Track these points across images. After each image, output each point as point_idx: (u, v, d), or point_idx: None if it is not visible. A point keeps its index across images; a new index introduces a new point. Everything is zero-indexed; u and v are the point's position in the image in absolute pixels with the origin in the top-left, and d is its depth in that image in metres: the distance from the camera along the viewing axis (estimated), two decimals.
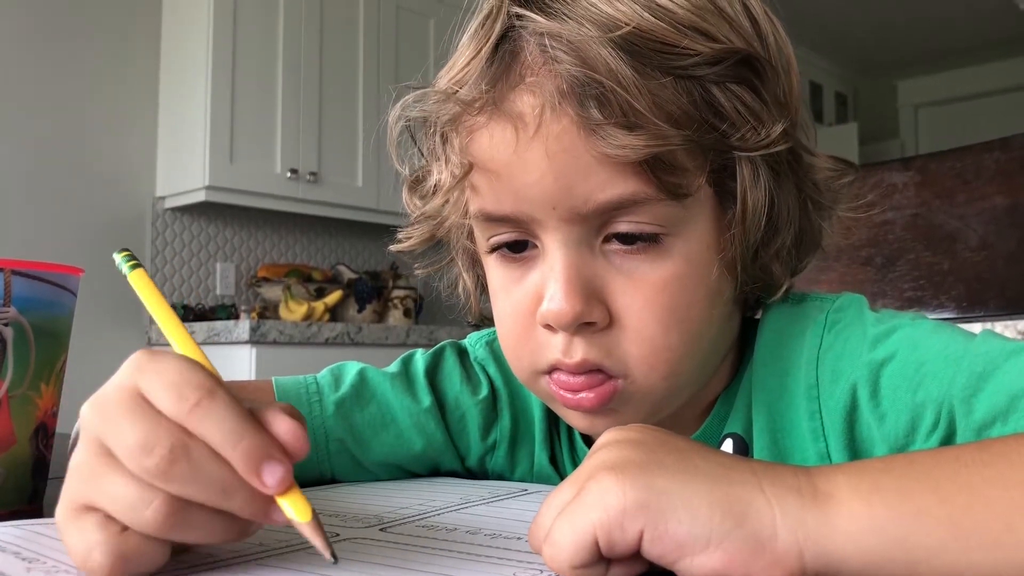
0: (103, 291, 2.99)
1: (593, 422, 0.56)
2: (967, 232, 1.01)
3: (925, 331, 0.54)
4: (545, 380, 0.56)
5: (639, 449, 0.38)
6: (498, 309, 0.59)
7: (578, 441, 0.66)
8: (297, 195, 3.26)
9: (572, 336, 0.53)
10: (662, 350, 0.53)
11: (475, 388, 0.68)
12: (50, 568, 0.37)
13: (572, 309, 0.52)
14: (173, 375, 0.36)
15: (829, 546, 0.34)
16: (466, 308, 0.67)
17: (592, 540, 0.35)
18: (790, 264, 0.59)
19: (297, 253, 3.63)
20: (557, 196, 0.51)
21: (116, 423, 0.36)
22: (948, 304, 1.01)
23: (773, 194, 0.54)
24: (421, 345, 3.22)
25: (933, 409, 0.52)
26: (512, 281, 0.56)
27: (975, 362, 0.50)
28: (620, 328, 0.53)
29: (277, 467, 0.35)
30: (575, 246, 0.53)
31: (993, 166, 1.00)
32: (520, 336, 0.56)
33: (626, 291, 0.53)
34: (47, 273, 0.57)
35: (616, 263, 0.53)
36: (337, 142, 3.37)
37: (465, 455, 0.69)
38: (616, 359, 0.53)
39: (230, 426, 0.35)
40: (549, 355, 0.54)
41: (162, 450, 0.34)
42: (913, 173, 1.05)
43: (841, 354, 0.56)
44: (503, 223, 0.55)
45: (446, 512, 0.52)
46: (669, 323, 0.53)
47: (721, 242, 0.54)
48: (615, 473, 0.36)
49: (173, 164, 3.14)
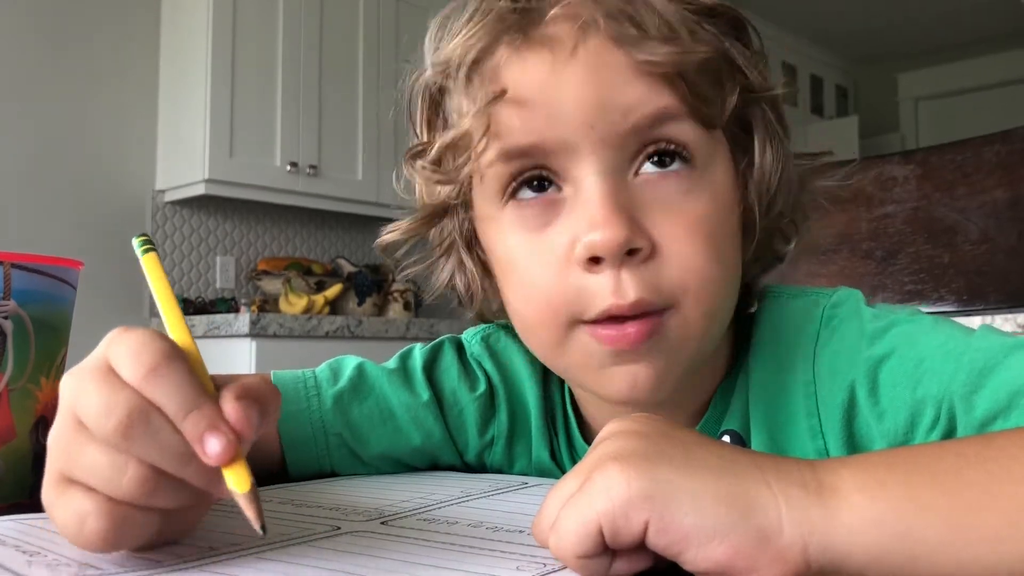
0: (104, 284, 2.99)
1: (634, 376, 0.53)
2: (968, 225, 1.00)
3: (923, 327, 0.54)
4: (582, 334, 0.53)
5: (644, 440, 0.38)
6: (520, 267, 0.55)
7: (576, 438, 0.66)
8: (297, 188, 3.25)
9: (619, 271, 0.50)
10: (707, 281, 0.52)
11: (472, 384, 0.67)
12: (51, 562, 0.37)
13: (621, 230, 0.49)
14: (135, 343, 0.37)
15: (833, 540, 0.34)
16: (468, 300, 0.63)
17: (597, 530, 0.35)
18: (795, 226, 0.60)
19: (297, 246, 3.62)
20: (596, 110, 0.51)
21: (84, 392, 0.37)
22: (948, 297, 1.01)
23: (782, 142, 0.57)
24: (421, 338, 3.23)
25: (933, 406, 0.51)
26: (536, 229, 0.54)
27: (975, 358, 0.50)
28: (664, 257, 0.51)
29: (220, 438, 0.36)
30: (611, 174, 0.52)
31: (994, 159, 1.00)
32: (555, 287, 0.52)
33: (665, 218, 0.52)
34: (46, 266, 0.57)
35: (651, 194, 0.52)
36: (337, 135, 3.37)
37: (464, 450, 0.69)
38: (665, 291, 0.51)
39: (183, 396, 0.36)
40: (598, 301, 0.51)
41: (120, 413, 0.35)
42: (914, 166, 1.05)
43: (838, 351, 0.56)
44: (527, 159, 0.53)
45: (447, 505, 0.52)
46: (710, 254, 0.52)
47: (738, 191, 0.56)
48: (620, 464, 0.36)
49: (173, 157, 3.14)
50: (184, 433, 0.36)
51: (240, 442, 0.36)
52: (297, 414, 0.65)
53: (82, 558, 0.38)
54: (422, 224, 0.61)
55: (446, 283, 0.64)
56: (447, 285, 0.64)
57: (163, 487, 0.36)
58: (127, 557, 0.39)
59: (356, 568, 0.37)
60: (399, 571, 0.36)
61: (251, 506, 0.36)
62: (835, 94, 6.18)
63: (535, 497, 0.55)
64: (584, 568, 0.36)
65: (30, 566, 0.37)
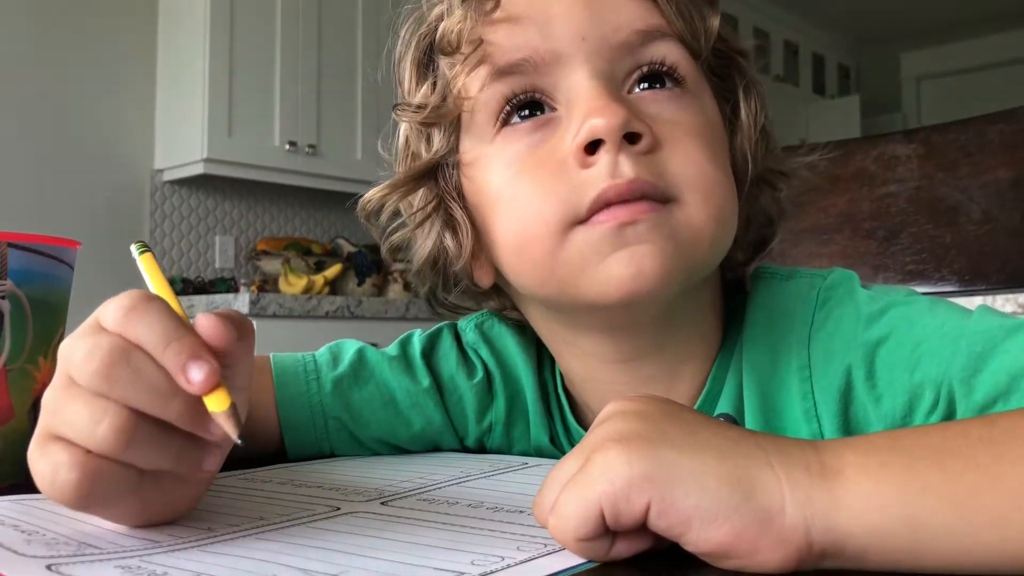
0: (102, 265, 2.99)
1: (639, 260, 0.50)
2: (970, 205, 1.00)
3: (920, 309, 0.54)
4: (580, 232, 0.51)
5: (645, 421, 0.37)
6: (513, 186, 0.54)
7: (571, 422, 0.65)
8: (296, 168, 3.24)
9: (617, 156, 0.50)
10: (714, 184, 0.52)
11: (470, 371, 0.67)
12: (49, 540, 0.37)
13: (621, 112, 0.50)
14: (119, 297, 0.39)
15: (836, 523, 0.33)
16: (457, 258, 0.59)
17: (598, 512, 0.35)
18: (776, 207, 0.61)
19: (296, 226, 3.62)
20: (588, 23, 0.53)
21: (72, 345, 0.38)
22: (950, 278, 1.01)
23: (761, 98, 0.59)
24: (421, 318, 3.22)
25: (932, 390, 0.51)
26: (529, 148, 0.53)
27: (974, 341, 0.50)
28: (667, 150, 0.52)
29: (203, 365, 0.36)
30: (606, 78, 0.53)
31: (997, 138, 0.99)
32: (547, 192, 0.51)
33: (664, 123, 0.53)
34: (43, 246, 0.56)
35: (646, 107, 0.53)
36: (336, 114, 3.35)
37: (464, 435, 0.69)
38: (668, 181, 0.51)
39: (161, 329, 0.37)
40: (592, 188, 0.50)
41: (101, 354, 0.36)
42: (916, 145, 1.05)
43: (834, 333, 0.55)
44: (518, 77, 0.53)
45: (447, 486, 0.52)
46: (714, 158, 0.53)
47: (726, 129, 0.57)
48: (621, 445, 0.35)
49: (171, 137, 3.13)
50: (166, 364, 0.36)
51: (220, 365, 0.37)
52: (297, 397, 0.65)
53: (81, 537, 0.38)
54: (408, 182, 0.59)
55: (429, 251, 0.60)
56: (430, 253, 0.60)
57: (139, 439, 0.36)
58: (125, 536, 0.38)
59: (356, 548, 0.37)
60: (399, 551, 0.36)
61: (229, 421, 0.37)
62: (837, 73, 6.15)
63: (535, 477, 0.55)
64: (584, 550, 0.36)
65: (28, 544, 0.36)
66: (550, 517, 0.37)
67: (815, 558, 0.34)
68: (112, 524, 0.40)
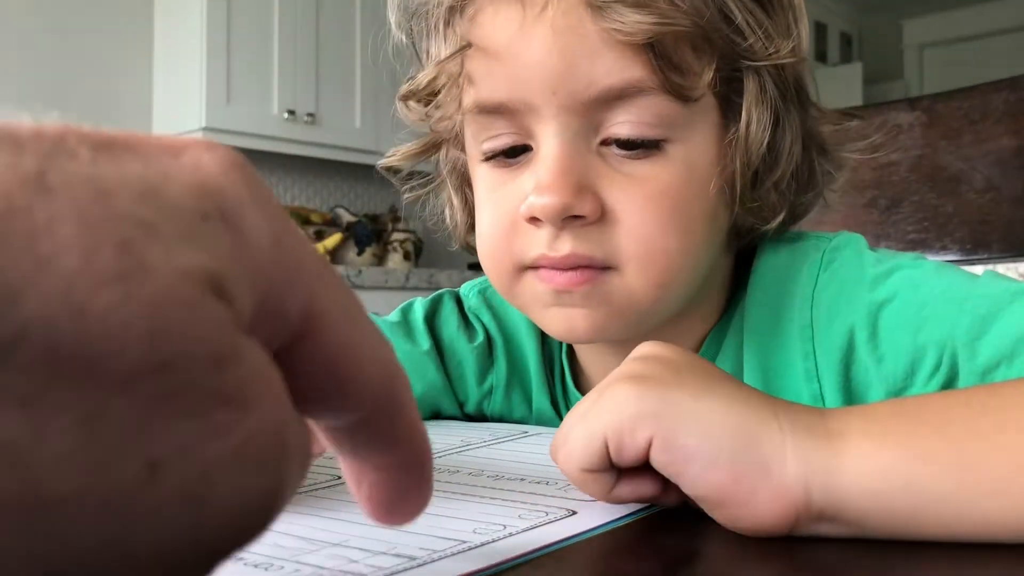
0: None
1: (571, 320, 0.53)
2: (972, 174, 0.99)
3: (927, 272, 0.53)
4: (529, 276, 0.54)
5: (665, 366, 0.38)
6: (482, 215, 0.57)
7: (570, 389, 0.66)
8: (295, 136, 3.23)
9: (559, 231, 0.51)
10: (659, 253, 0.52)
11: (471, 335, 0.68)
12: None
13: (560, 198, 0.50)
14: None
15: (835, 484, 0.33)
16: (454, 233, 0.66)
17: (602, 444, 0.35)
18: (787, 200, 0.57)
19: (295, 195, 3.60)
20: (559, 78, 0.50)
21: None
22: (952, 247, 1.00)
23: (779, 114, 0.54)
24: (421, 288, 3.22)
25: (935, 352, 0.51)
26: (500, 184, 0.55)
27: (979, 304, 0.50)
28: (614, 223, 0.51)
29: None
30: (571, 138, 0.51)
31: (1001, 106, 0.99)
32: (502, 236, 0.54)
33: (623, 188, 0.51)
34: None
35: (614, 164, 0.52)
36: (335, 82, 3.33)
37: (464, 400, 0.69)
38: (608, 252, 0.51)
39: None
40: (533, 251, 0.53)
41: None
42: (919, 113, 1.04)
43: (838, 294, 0.55)
44: (498, 116, 0.53)
45: (448, 455, 0.51)
46: (668, 226, 0.51)
47: (722, 160, 0.53)
48: (633, 383, 0.36)
49: (169, 106, 3.11)
50: None
51: None
52: None
53: None
54: (419, 152, 0.63)
55: (442, 211, 0.66)
56: (442, 213, 0.66)
57: None
58: None
59: (358, 517, 0.36)
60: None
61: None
62: (839, 41, 6.10)
63: (535, 446, 0.55)
64: (587, 483, 0.37)
65: None
66: (560, 448, 0.38)
67: (812, 518, 0.33)
68: None
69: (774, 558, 0.33)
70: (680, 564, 0.33)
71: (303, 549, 0.31)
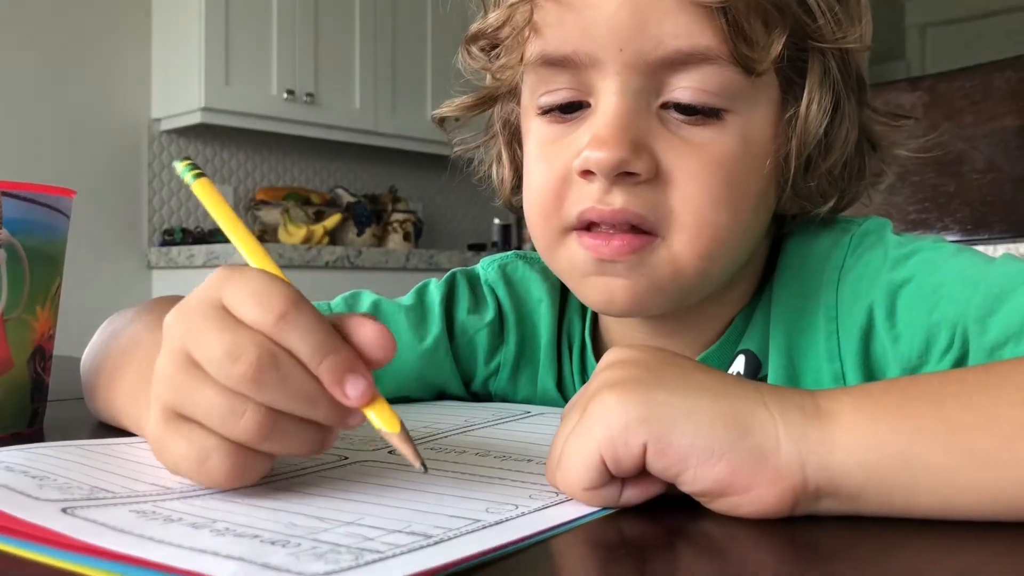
0: (101, 214, 2.97)
1: (611, 291, 0.53)
2: (974, 154, 0.99)
3: (945, 254, 0.54)
4: (573, 241, 0.54)
5: (641, 367, 0.37)
6: (533, 170, 0.56)
7: (590, 360, 0.66)
8: (294, 117, 3.21)
9: (611, 185, 0.51)
10: (709, 224, 0.52)
11: (482, 312, 0.68)
12: (62, 484, 0.37)
13: (617, 152, 0.50)
14: (256, 286, 0.36)
15: (831, 460, 0.33)
16: (499, 191, 0.66)
17: (599, 460, 0.35)
18: (837, 189, 0.57)
19: (295, 176, 3.59)
20: (628, 34, 0.50)
21: (202, 334, 0.36)
22: (953, 227, 1.00)
23: (839, 99, 0.54)
24: (421, 269, 3.21)
25: (948, 330, 0.52)
26: (554, 139, 0.55)
27: (992, 284, 0.50)
28: (667, 185, 0.51)
29: (360, 380, 0.36)
30: (631, 96, 0.51)
31: (1004, 86, 0.98)
32: (552, 191, 0.54)
33: (679, 152, 0.51)
34: (38, 195, 0.55)
35: (671, 128, 0.52)
36: (334, 62, 3.31)
37: (470, 380, 0.70)
38: (659, 215, 0.51)
39: (316, 339, 0.35)
40: (582, 204, 0.52)
41: (249, 358, 0.34)
42: (921, 93, 1.04)
43: (862, 276, 0.56)
44: (560, 69, 0.53)
45: (453, 435, 0.51)
46: (720, 197, 0.51)
47: (778, 138, 0.54)
48: (616, 390, 0.35)
49: (168, 86, 3.09)
50: (321, 378, 0.35)
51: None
52: None
53: (92, 482, 0.38)
54: (473, 106, 0.62)
55: (488, 167, 0.67)
56: (488, 170, 0.67)
57: (278, 431, 0.35)
58: (136, 482, 0.38)
59: (369, 496, 0.37)
60: (412, 499, 0.36)
61: (406, 445, 0.37)
62: None
63: (538, 426, 0.55)
64: (594, 499, 0.36)
65: (41, 489, 0.36)
66: (557, 472, 0.37)
67: (810, 498, 0.34)
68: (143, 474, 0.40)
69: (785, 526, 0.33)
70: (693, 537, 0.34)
71: (318, 527, 0.32)
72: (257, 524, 0.32)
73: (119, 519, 0.32)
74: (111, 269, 3.01)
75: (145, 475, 0.40)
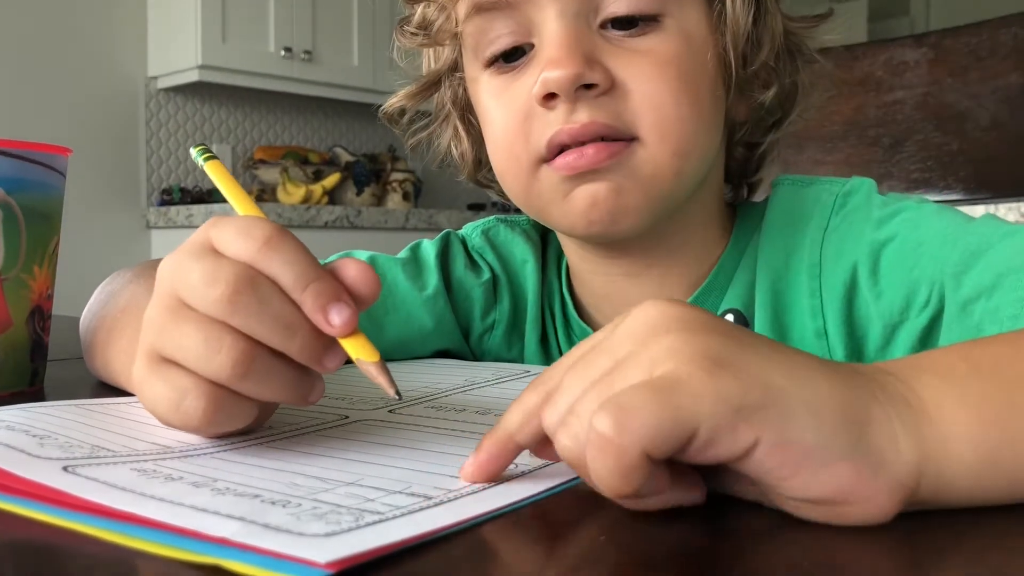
0: (98, 173, 2.96)
1: (595, 195, 0.54)
2: (979, 111, 0.99)
3: (927, 213, 0.56)
4: (546, 171, 0.55)
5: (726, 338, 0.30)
6: (492, 121, 0.58)
7: (573, 319, 0.67)
8: (292, 75, 3.19)
9: (574, 103, 0.53)
10: (674, 120, 0.53)
11: (477, 272, 0.69)
12: (62, 443, 0.37)
13: (573, 67, 0.52)
14: (241, 222, 0.37)
15: (944, 467, 0.29)
16: (461, 167, 0.68)
17: (688, 434, 0.27)
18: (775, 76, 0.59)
19: (293, 135, 3.57)
20: None
21: (184, 267, 0.36)
22: (955, 186, 1.00)
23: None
24: (420, 228, 3.21)
25: (927, 286, 0.53)
26: (505, 89, 0.57)
27: (970, 241, 0.51)
28: (626, 94, 0.53)
29: (344, 308, 0.35)
30: (572, 17, 0.54)
31: (1010, 42, 0.97)
32: (515, 129, 0.55)
33: (630, 61, 0.54)
34: (33, 153, 0.55)
35: (616, 42, 0.54)
36: (332, 19, 3.28)
37: (468, 334, 0.71)
38: (625, 121, 0.53)
39: (299, 268, 0.35)
40: (550, 129, 0.54)
41: (227, 280, 0.34)
42: (926, 50, 1.02)
43: (846, 235, 0.58)
44: (496, 14, 0.55)
45: (453, 394, 0.51)
46: (679, 93, 0.54)
47: (714, 35, 0.56)
48: (725, 368, 0.28)
49: (164, 43, 3.06)
50: (303, 304, 0.35)
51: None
52: None
53: (93, 440, 0.38)
54: (418, 93, 0.65)
55: (446, 150, 0.68)
56: (447, 152, 0.68)
57: (256, 370, 0.35)
58: (136, 441, 0.38)
59: (369, 456, 0.37)
60: (413, 458, 0.36)
61: (383, 374, 0.37)
62: None
63: None
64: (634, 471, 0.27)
65: (42, 447, 0.36)
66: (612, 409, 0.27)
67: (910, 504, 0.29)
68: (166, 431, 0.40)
69: None
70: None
71: (318, 488, 0.32)
72: (258, 483, 0.32)
73: (120, 477, 0.32)
74: (110, 229, 3.00)
75: (146, 434, 0.40)
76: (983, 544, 0.28)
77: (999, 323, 0.47)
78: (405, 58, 0.65)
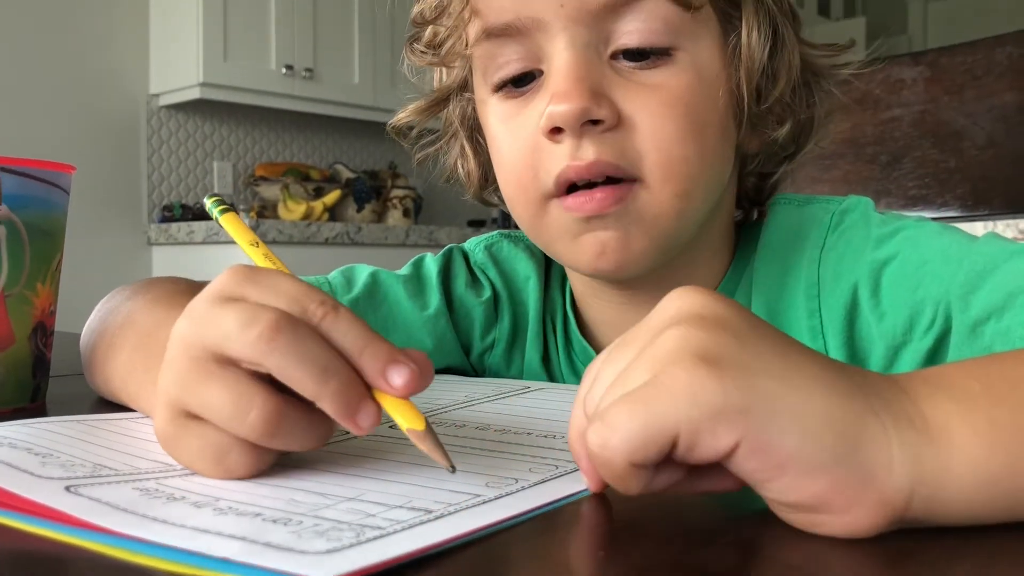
0: (100, 190, 2.97)
1: (603, 244, 0.54)
2: (975, 130, 0.99)
3: (929, 232, 0.55)
4: (555, 208, 0.55)
5: (730, 333, 0.30)
6: (500, 147, 0.57)
7: (575, 337, 0.67)
8: (293, 92, 3.20)
9: (580, 139, 0.52)
10: (679, 160, 0.53)
11: (479, 290, 0.69)
12: (64, 462, 0.37)
13: (579, 102, 0.51)
14: (291, 290, 0.35)
15: (939, 493, 0.29)
16: (467, 186, 0.68)
17: (670, 439, 0.28)
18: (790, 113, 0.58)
19: (294, 152, 3.58)
20: None
21: (214, 315, 0.34)
22: (953, 203, 1.00)
23: (776, 26, 0.56)
24: (420, 245, 3.21)
25: (931, 306, 0.52)
26: (514, 114, 0.56)
27: (975, 261, 0.51)
28: (632, 130, 0.52)
29: (404, 369, 0.34)
30: (581, 48, 0.53)
31: (1005, 61, 0.98)
32: (524, 160, 0.55)
33: (638, 96, 0.53)
34: (37, 170, 0.55)
35: (626, 75, 0.53)
36: (333, 37, 3.30)
37: (469, 352, 0.70)
38: (631, 160, 0.53)
39: (360, 330, 0.34)
40: (556, 165, 0.53)
41: (267, 321, 0.33)
42: (923, 68, 1.03)
43: (844, 254, 0.57)
44: (507, 40, 0.54)
45: (453, 410, 0.52)
46: (685, 132, 0.53)
47: (727, 69, 0.55)
48: (711, 366, 0.28)
49: (166, 61, 3.08)
50: (364, 366, 0.34)
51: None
52: None
53: (95, 459, 0.38)
54: (427, 109, 0.64)
55: (451, 168, 0.68)
56: (453, 168, 0.68)
57: (285, 427, 0.34)
58: (139, 459, 0.38)
59: (370, 472, 0.37)
60: (413, 473, 0.36)
61: (434, 446, 0.34)
62: None
63: (538, 401, 0.55)
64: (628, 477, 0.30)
65: (44, 466, 0.36)
66: (600, 431, 0.29)
67: (902, 521, 0.29)
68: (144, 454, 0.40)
69: None
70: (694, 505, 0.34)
71: (320, 504, 0.32)
72: (259, 501, 0.32)
73: (122, 497, 0.32)
74: (111, 245, 3.00)
75: (147, 452, 0.40)
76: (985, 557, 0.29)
77: (1011, 343, 0.47)
78: (416, 74, 0.64)
